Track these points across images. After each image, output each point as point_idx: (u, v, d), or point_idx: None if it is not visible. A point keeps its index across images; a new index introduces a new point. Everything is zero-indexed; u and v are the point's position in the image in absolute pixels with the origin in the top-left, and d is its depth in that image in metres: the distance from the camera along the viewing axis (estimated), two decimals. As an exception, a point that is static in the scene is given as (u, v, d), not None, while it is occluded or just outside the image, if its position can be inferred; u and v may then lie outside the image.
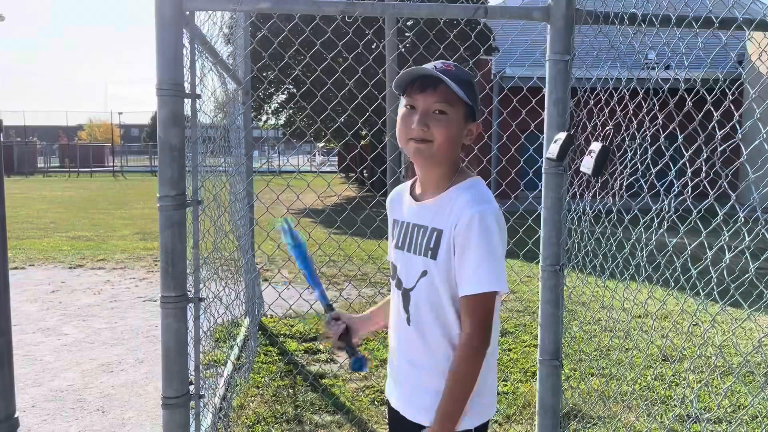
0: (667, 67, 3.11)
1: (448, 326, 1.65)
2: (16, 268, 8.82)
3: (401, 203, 1.83)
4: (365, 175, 30.38)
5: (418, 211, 1.73)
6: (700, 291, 2.42)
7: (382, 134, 19.05)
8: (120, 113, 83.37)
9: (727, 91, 2.32)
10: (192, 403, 2.37)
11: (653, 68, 2.83)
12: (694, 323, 5.66)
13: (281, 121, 25.36)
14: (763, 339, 4.52)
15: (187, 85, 2.27)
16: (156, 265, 9.09)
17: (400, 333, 1.76)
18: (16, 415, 1.25)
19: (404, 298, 1.73)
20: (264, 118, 24.77)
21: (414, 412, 1.71)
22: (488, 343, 1.61)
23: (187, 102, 2.29)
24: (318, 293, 1.94)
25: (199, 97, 2.52)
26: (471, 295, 1.58)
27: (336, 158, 47.90)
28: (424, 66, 1.67)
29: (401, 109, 1.69)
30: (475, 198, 1.62)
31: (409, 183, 1.85)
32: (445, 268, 1.62)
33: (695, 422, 3.73)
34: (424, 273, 1.67)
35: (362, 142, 27.03)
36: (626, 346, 5.12)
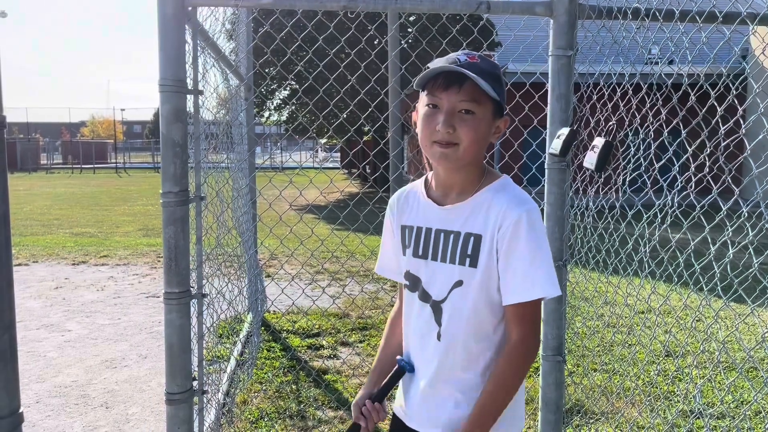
0: (671, 62, 3.08)
1: (485, 337, 1.55)
2: (19, 264, 8.85)
3: (413, 207, 1.67)
4: (368, 170, 30.37)
5: (443, 215, 1.58)
6: (704, 286, 2.41)
7: (384, 130, 19.04)
8: (122, 110, 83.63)
9: (730, 85, 2.31)
10: (195, 398, 2.38)
11: (656, 63, 2.82)
12: (697, 319, 5.66)
13: (284, 118, 25.37)
14: (766, 334, 4.51)
15: (189, 82, 2.26)
16: (159, 261, 9.10)
17: (428, 348, 1.61)
18: (20, 411, 1.26)
19: (435, 311, 1.59)
20: (266, 114, 24.78)
21: (435, 425, 1.59)
22: (537, 352, 1.53)
23: (190, 98, 2.29)
24: None
25: (201, 93, 2.52)
26: (520, 303, 1.48)
27: (338, 154, 47.91)
28: (445, 60, 1.51)
29: (423, 108, 1.53)
30: (516, 198, 1.51)
31: (417, 184, 1.70)
32: (487, 275, 1.51)
33: (698, 418, 3.73)
34: (459, 283, 1.54)
35: (365, 138, 27.03)
36: (629, 342, 5.12)
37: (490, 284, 1.52)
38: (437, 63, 1.51)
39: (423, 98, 1.54)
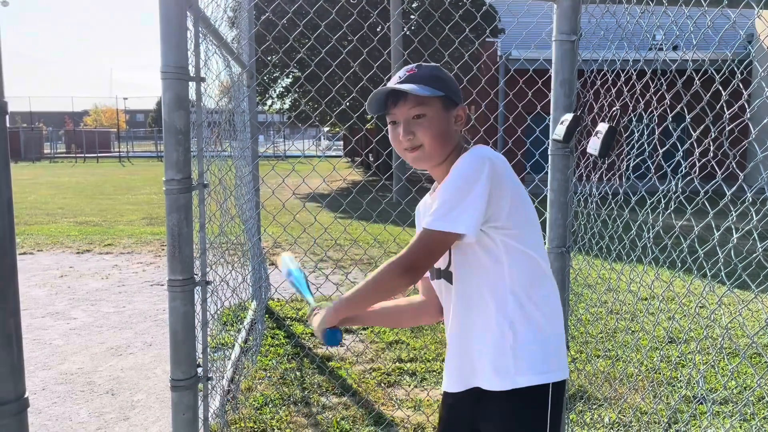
0: (675, 47, 3.07)
1: (492, 283, 1.61)
2: (24, 253, 8.88)
3: (428, 208, 1.80)
4: (371, 158, 30.30)
5: (431, 202, 1.75)
6: (707, 272, 2.41)
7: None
8: (125, 98, 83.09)
9: (735, 70, 2.29)
10: (200, 385, 2.39)
11: (660, 48, 2.80)
12: (700, 305, 5.66)
13: (286, 105, 25.29)
14: (769, 320, 4.50)
15: (191, 69, 2.26)
16: (163, 249, 9.13)
17: (452, 314, 1.72)
18: (25, 396, 1.26)
19: (447, 279, 1.71)
20: (269, 102, 24.71)
21: (465, 379, 1.69)
22: (403, 280, 1.57)
23: (192, 85, 2.28)
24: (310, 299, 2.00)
25: (203, 80, 2.51)
26: (423, 229, 1.58)
27: (341, 142, 47.82)
28: (387, 83, 1.72)
29: (389, 127, 1.73)
30: (471, 150, 1.62)
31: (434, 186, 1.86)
32: None
33: (701, 403, 3.74)
34: (455, 245, 1.65)
35: (367, 126, 26.94)
36: (632, 328, 5.13)
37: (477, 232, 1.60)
38: (380, 90, 1.68)
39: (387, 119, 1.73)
